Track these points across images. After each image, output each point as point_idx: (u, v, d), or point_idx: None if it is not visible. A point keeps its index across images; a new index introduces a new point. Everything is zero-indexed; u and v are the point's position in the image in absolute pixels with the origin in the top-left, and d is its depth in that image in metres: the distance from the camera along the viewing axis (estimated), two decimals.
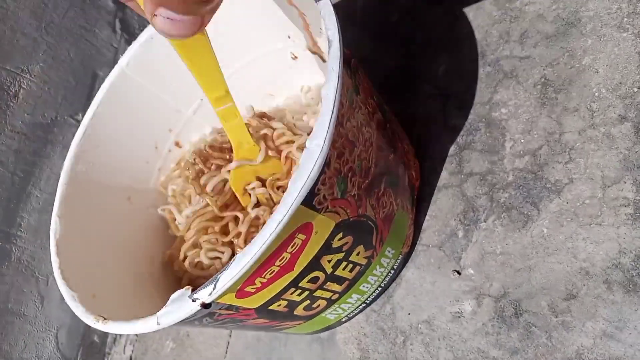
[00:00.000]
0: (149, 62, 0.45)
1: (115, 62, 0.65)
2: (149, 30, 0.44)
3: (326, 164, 0.29)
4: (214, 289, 0.28)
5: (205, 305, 0.29)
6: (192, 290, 0.29)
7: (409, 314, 0.43)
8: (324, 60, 0.43)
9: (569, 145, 0.41)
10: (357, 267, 0.38)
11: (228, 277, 0.28)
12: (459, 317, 0.41)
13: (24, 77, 0.55)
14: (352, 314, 0.44)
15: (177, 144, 0.50)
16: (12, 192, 0.55)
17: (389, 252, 0.41)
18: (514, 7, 0.49)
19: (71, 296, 0.38)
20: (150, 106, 0.47)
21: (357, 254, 0.37)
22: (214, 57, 0.31)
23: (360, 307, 0.44)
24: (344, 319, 0.45)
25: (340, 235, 0.34)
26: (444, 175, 0.46)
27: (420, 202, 0.46)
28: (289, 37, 0.42)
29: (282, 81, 0.49)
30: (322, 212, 0.31)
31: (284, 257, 0.30)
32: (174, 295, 0.30)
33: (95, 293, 0.40)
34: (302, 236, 0.30)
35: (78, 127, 0.60)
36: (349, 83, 0.33)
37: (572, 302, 0.37)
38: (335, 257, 0.35)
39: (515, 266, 0.40)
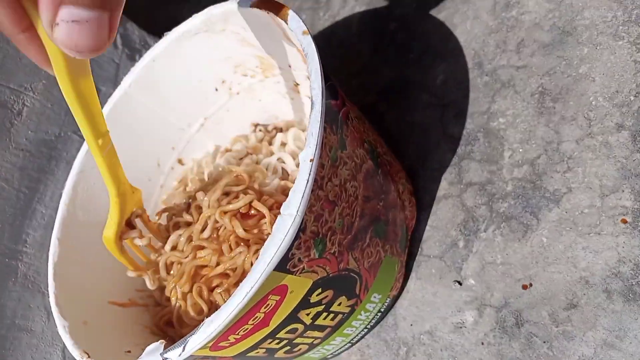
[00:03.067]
0: (152, 83, 0.45)
1: (116, 77, 0.65)
2: (152, 51, 0.44)
3: (301, 229, 0.29)
4: (183, 350, 0.29)
5: None
6: (165, 347, 0.30)
7: (412, 324, 0.43)
8: None
9: (567, 154, 0.42)
10: (340, 316, 0.38)
11: (197, 341, 0.28)
12: (460, 327, 0.41)
13: (27, 94, 0.56)
14: (337, 352, 0.44)
15: (179, 161, 0.51)
16: (17, 209, 0.55)
17: (375, 297, 0.40)
18: (510, 17, 0.49)
19: (62, 326, 0.39)
20: (153, 125, 0.48)
21: (339, 304, 0.37)
22: (94, 91, 0.28)
23: (346, 347, 0.44)
24: (329, 356, 0.45)
25: (319, 290, 0.33)
26: (444, 185, 0.47)
27: (421, 211, 0.47)
28: (289, 66, 0.43)
29: (283, 106, 0.49)
30: (298, 274, 0.31)
31: (257, 316, 0.30)
32: (148, 348, 0.31)
33: (87, 320, 0.41)
34: (275, 297, 0.30)
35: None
36: (334, 140, 0.33)
37: (573, 312, 0.37)
38: (315, 310, 0.35)
39: (516, 276, 0.40)
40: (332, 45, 0.62)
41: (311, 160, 0.28)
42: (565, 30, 0.46)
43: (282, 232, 0.28)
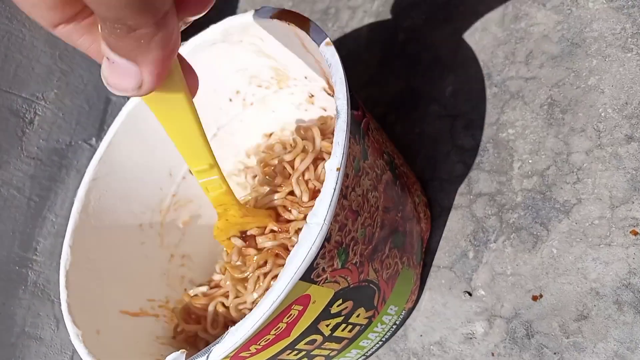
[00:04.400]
0: None
1: None
2: None
3: (326, 239, 0.29)
4: (206, 359, 0.29)
5: None
6: (187, 356, 0.30)
7: (421, 335, 0.43)
8: None
9: (576, 165, 0.42)
10: (357, 327, 0.38)
11: (221, 350, 0.28)
12: (470, 338, 0.41)
13: (39, 103, 0.57)
14: None
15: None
16: (28, 217, 0.56)
17: (392, 309, 0.41)
18: (519, 28, 0.49)
19: (75, 334, 0.39)
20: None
21: (357, 316, 0.37)
22: (196, 122, 0.27)
23: (361, 359, 0.44)
24: None
25: (340, 301, 0.34)
26: (453, 195, 0.47)
27: (430, 221, 0.47)
28: (305, 78, 0.43)
29: (297, 118, 0.50)
30: (321, 284, 0.31)
31: (279, 326, 0.31)
32: (169, 358, 0.31)
33: (100, 329, 0.41)
34: (298, 307, 0.31)
35: (92, 151, 0.62)
36: (357, 150, 0.33)
37: (583, 323, 0.37)
38: (334, 321, 0.35)
39: (526, 287, 0.40)
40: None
41: (338, 169, 0.29)
42: (574, 42, 0.46)
43: (309, 241, 0.28)
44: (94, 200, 0.47)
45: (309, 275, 0.29)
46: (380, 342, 0.43)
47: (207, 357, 0.29)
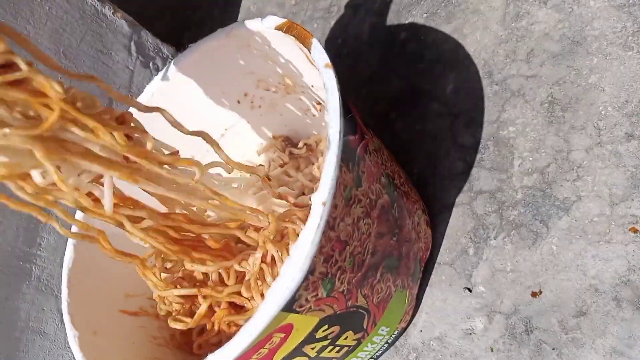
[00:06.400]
0: (174, 93, 0.46)
1: (130, 83, 0.66)
2: (175, 62, 0.45)
3: (310, 272, 0.29)
4: None
5: None
6: None
7: (421, 330, 0.44)
8: None
9: (576, 163, 0.42)
10: (345, 348, 0.38)
11: None
12: (470, 334, 0.41)
13: None
14: None
15: None
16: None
17: (383, 330, 0.40)
18: (520, 27, 0.50)
19: (73, 336, 0.39)
20: (171, 134, 0.48)
21: (345, 339, 0.37)
22: None
23: None
24: None
25: (326, 327, 0.34)
26: (454, 193, 0.47)
27: (431, 218, 0.47)
28: (312, 87, 0.43)
29: (304, 122, 0.50)
30: (304, 313, 0.31)
31: (261, 352, 0.31)
32: None
33: (97, 330, 0.42)
34: (280, 334, 0.31)
35: None
36: (349, 179, 0.32)
37: (582, 319, 0.37)
38: (320, 344, 0.35)
39: (526, 283, 0.40)
40: (342, 54, 0.63)
41: (323, 204, 0.29)
42: (575, 40, 0.46)
43: (289, 276, 0.28)
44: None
45: (290, 306, 0.29)
46: (372, 358, 0.43)
47: None
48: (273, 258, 0.36)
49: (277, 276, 0.32)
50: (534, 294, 0.40)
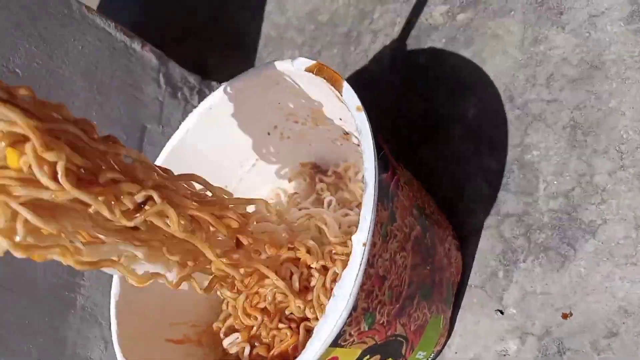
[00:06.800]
0: (207, 129, 0.48)
1: (161, 114, 0.69)
2: (208, 101, 0.47)
3: (353, 308, 0.31)
4: None
5: None
6: None
7: (456, 352, 0.46)
8: None
9: (600, 186, 0.44)
10: None
11: None
12: (504, 355, 0.43)
13: None
14: None
15: None
16: None
17: (420, 354, 0.42)
18: (538, 52, 0.51)
19: None
20: (207, 168, 0.51)
21: None
22: None
23: None
24: None
25: (368, 357, 0.35)
26: (481, 216, 0.49)
27: (460, 242, 0.49)
28: (340, 119, 0.45)
29: (332, 151, 0.52)
30: (348, 346, 0.33)
31: None
32: None
33: None
34: None
35: None
36: (384, 216, 0.34)
37: (613, 340, 0.39)
38: None
39: (556, 305, 0.42)
40: (363, 79, 0.65)
41: (364, 245, 0.31)
42: (593, 65, 0.48)
43: (335, 314, 0.30)
44: None
45: (335, 342, 0.31)
46: None
47: None
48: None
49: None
50: (564, 316, 0.42)
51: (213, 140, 0.51)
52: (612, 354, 0.39)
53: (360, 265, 0.30)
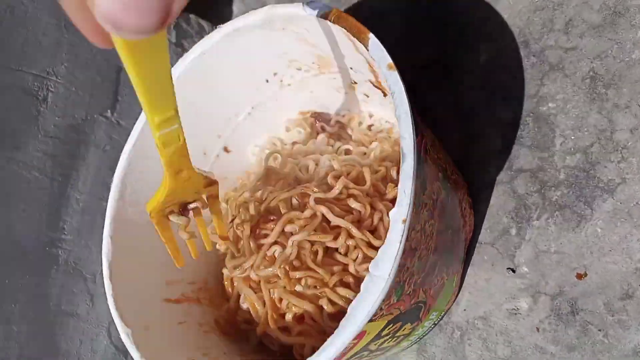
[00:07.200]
0: (201, 75, 0.44)
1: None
2: (203, 44, 0.42)
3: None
4: None
5: None
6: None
7: (465, 310, 0.45)
8: (385, 95, 0.42)
9: (620, 143, 0.42)
10: (401, 337, 0.39)
11: None
12: (515, 313, 0.43)
13: (50, 79, 0.54)
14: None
15: (225, 149, 0.50)
16: (52, 197, 0.54)
17: (433, 315, 0.42)
18: None
19: (125, 334, 0.39)
20: (200, 115, 0.46)
21: (403, 330, 0.38)
22: (169, 68, 0.24)
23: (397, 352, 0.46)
24: None
25: (391, 326, 0.34)
26: (493, 171, 0.47)
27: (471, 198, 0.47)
28: (351, 69, 0.41)
29: (336, 100, 0.48)
30: (377, 320, 0.31)
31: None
32: None
33: (148, 325, 0.42)
34: (354, 341, 0.31)
35: (109, 124, 0.60)
36: (417, 186, 0.31)
37: (628, 302, 0.39)
38: (382, 340, 0.36)
39: (571, 265, 0.42)
40: (360, 16, 0.60)
41: (404, 221, 0.28)
42: (617, 10, 0.45)
43: (373, 294, 0.28)
44: (130, 186, 0.46)
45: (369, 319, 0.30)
46: (418, 339, 0.45)
47: None
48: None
49: None
50: (579, 276, 0.41)
51: (207, 87, 0.46)
52: (626, 316, 0.39)
53: (400, 243, 0.28)
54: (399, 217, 0.29)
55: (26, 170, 0.52)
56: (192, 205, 0.38)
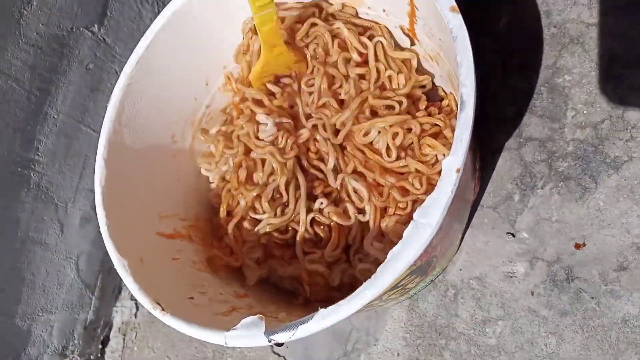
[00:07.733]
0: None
1: None
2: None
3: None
4: (292, 336, 0.29)
5: (278, 344, 0.30)
6: (266, 323, 0.30)
7: (461, 269, 0.46)
8: (412, 44, 0.40)
9: (631, 123, 0.43)
10: (406, 290, 0.39)
11: (306, 331, 0.29)
12: (511, 277, 0.44)
13: None
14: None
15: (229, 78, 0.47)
16: (28, 113, 0.49)
17: (436, 271, 0.42)
18: None
19: (122, 265, 0.37)
20: (208, 41, 0.43)
21: (412, 282, 0.38)
22: None
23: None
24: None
25: (409, 276, 0.34)
26: (502, 137, 0.47)
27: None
28: (383, 11, 0.39)
29: None
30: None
31: None
32: (245, 321, 0.31)
33: (143, 257, 0.39)
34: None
35: (94, 40, 0.55)
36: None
37: (622, 274, 0.41)
38: (394, 292, 0.36)
39: (570, 235, 0.43)
40: None
41: (458, 171, 0.27)
42: None
43: (417, 242, 0.28)
44: (128, 108, 0.43)
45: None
46: (415, 294, 0.45)
47: (294, 333, 0.29)
48: None
49: None
50: (577, 246, 0.43)
51: (222, 9, 0.43)
52: (619, 286, 0.41)
53: (452, 192, 0.28)
54: (453, 166, 0.28)
55: (2, 78, 0.47)
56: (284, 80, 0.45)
